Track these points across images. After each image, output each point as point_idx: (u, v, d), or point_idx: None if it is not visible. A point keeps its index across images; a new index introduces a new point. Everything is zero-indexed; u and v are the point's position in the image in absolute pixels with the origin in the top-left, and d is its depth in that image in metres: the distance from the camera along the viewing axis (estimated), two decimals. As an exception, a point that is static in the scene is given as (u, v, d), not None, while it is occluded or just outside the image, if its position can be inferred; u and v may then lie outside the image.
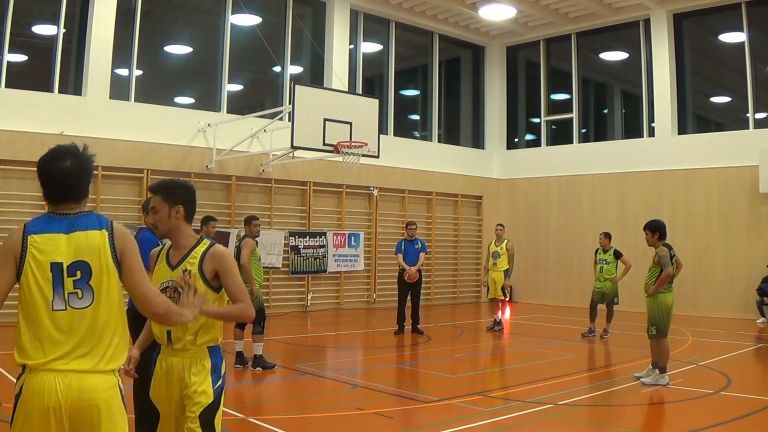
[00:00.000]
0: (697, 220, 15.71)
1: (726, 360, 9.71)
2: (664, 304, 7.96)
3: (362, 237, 16.24)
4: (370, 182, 16.46)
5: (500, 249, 12.79)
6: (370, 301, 16.52)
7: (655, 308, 7.97)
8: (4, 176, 11.91)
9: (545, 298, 17.78)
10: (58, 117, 12.39)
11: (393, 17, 17.64)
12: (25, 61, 13.27)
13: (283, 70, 15.95)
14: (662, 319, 7.94)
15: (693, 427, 6.17)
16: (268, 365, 8.46)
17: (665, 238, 8.25)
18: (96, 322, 2.70)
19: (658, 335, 7.93)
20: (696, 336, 12.15)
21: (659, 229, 8.23)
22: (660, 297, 7.97)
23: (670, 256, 7.99)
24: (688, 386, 7.80)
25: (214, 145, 13.96)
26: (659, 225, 8.30)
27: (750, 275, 14.69)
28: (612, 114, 19.13)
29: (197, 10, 15.58)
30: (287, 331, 12.12)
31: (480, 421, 6.34)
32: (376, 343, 12.25)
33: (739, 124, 16.20)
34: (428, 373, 9.10)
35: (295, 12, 16.02)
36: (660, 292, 7.96)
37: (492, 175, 19.44)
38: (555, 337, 12.13)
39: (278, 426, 5.99)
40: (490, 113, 19.89)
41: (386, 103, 17.39)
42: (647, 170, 16.53)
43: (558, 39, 18.67)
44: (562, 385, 7.85)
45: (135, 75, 13.78)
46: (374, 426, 6.21)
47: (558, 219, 18.16)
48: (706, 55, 17.38)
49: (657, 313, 7.95)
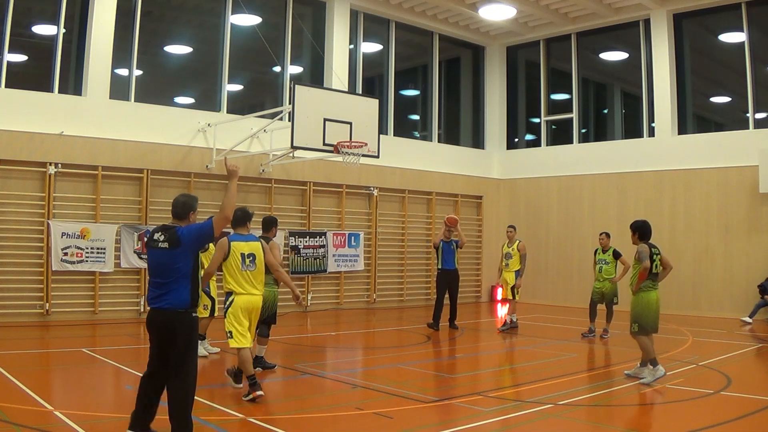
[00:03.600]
0: (697, 220, 15.71)
1: (726, 360, 9.71)
2: (647, 301, 8.02)
3: (362, 237, 16.24)
4: (370, 182, 16.46)
5: (512, 250, 12.87)
6: (370, 301, 16.51)
7: (638, 306, 8.05)
8: (4, 176, 11.91)
9: (545, 298, 17.78)
10: (58, 117, 12.39)
11: (393, 17, 17.64)
12: (25, 61, 13.27)
13: (283, 70, 15.95)
14: (645, 316, 8.00)
15: (693, 427, 6.16)
16: (268, 366, 8.48)
17: (647, 238, 8.27)
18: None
19: (639, 332, 8.03)
20: (696, 336, 12.15)
21: (638, 229, 8.28)
22: (643, 295, 8.04)
23: (651, 254, 8.02)
24: (688, 386, 7.80)
25: (214, 145, 13.96)
26: (638, 225, 8.35)
27: (750, 275, 14.69)
28: (612, 114, 19.13)
29: (197, 10, 15.58)
30: (287, 331, 12.10)
31: (480, 421, 6.34)
32: (376, 343, 12.25)
33: (739, 124, 16.20)
34: (428, 373, 9.09)
35: (295, 12, 16.03)
36: (643, 290, 8.01)
37: (492, 175, 19.44)
38: (555, 337, 12.13)
39: (278, 426, 5.99)
40: (490, 113, 19.89)
41: (386, 103, 17.40)
42: (647, 170, 16.53)
43: (558, 39, 18.66)
44: (562, 385, 7.84)
45: (135, 75, 13.78)
46: (374, 426, 6.21)
47: (558, 219, 18.17)
48: (706, 55, 17.38)
49: (640, 311, 8.03)
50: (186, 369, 5.09)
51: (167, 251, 5.06)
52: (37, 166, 12.17)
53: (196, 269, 5.15)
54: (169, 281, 5.05)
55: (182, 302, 5.05)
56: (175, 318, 5.04)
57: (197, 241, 5.10)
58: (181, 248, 5.04)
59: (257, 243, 7.27)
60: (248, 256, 7.07)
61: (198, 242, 5.12)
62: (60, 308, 12.19)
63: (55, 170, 12.22)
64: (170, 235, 5.08)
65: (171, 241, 5.06)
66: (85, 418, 5.86)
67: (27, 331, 11.40)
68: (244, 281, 7.02)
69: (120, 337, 11.19)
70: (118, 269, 12.82)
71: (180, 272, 5.04)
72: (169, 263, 5.05)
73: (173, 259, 5.05)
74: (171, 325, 5.05)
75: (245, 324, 6.97)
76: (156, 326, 5.13)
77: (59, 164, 12.27)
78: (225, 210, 5.08)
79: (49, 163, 12.18)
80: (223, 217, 5.03)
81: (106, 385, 7.79)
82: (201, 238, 5.11)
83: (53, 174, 12.20)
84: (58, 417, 6.03)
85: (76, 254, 12.31)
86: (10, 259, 11.88)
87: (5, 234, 11.84)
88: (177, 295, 5.03)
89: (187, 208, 5.35)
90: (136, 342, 11.00)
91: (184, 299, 5.05)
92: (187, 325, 5.10)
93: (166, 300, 5.03)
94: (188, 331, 5.12)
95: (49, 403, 6.58)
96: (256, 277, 7.13)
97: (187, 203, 5.39)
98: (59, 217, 12.29)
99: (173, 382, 5.10)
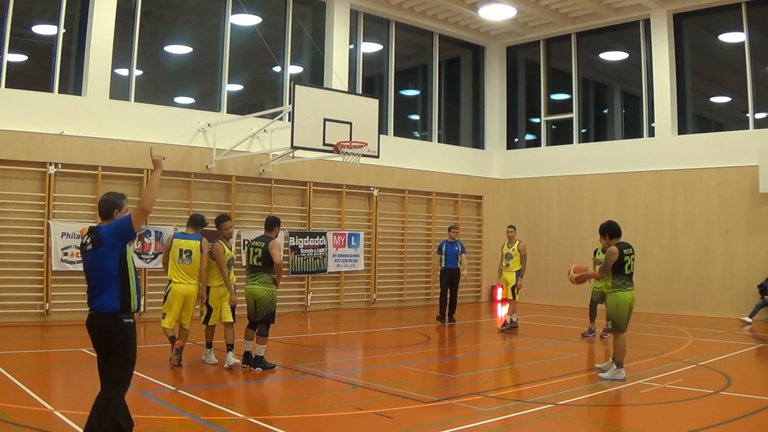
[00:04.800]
0: (697, 220, 15.71)
1: (726, 360, 9.71)
2: (622, 300, 8.26)
3: (362, 237, 16.24)
4: (370, 182, 16.46)
5: (512, 250, 12.90)
6: (370, 301, 16.51)
7: (613, 304, 8.31)
8: (4, 176, 11.91)
9: (545, 298, 17.77)
10: (58, 117, 12.39)
11: (393, 17, 17.64)
12: (25, 61, 13.27)
13: (283, 70, 15.95)
14: (618, 314, 8.25)
15: (693, 427, 6.16)
16: (268, 366, 8.47)
17: (618, 236, 8.51)
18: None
19: (614, 330, 8.32)
20: (696, 336, 12.15)
21: (608, 230, 8.54)
22: (618, 294, 8.27)
23: (623, 255, 8.21)
24: (688, 386, 7.80)
25: (214, 145, 13.96)
26: (606, 227, 8.59)
27: (750, 275, 14.69)
28: (612, 114, 19.13)
29: (197, 10, 15.58)
30: (287, 331, 12.11)
31: (480, 421, 6.34)
32: (376, 343, 12.25)
33: (739, 124, 16.20)
34: (428, 373, 9.09)
35: (295, 12, 16.02)
36: (621, 289, 8.25)
37: (492, 175, 19.44)
38: (555, 337, 12.13)
39: (278, 426, 5.99)
40: (490, 113, 19.89)
41: (386, 103, 17.40)
42: (647, 170, 16.54)
43: (558, 39, 18.66)
44: (562, 385, 7.84)
45: (135, 75, 13.78)
46: (374, 426, 6.21)
47: (558, 219, 18.17)
48: (706, 55, 17.38)
49: (614, 308, 8.28)
50: (117, 378, 4.82)
51: (92, 252, 4.86)
52: (37, 166, 12.17)
53: (124, 270, 4.86)
54: (97, 283, 4.83)
55: (110, 305, 4.79)
56: (105, 321, 4.80)
57: (117, 237, 4.83)
58: (103, 247, 4.81)
59: (196, 242, 8.64)
60: (185, 252, 8.55)
61: (119, 239, 4.83)
62: (60, 308, 12.18)
63: (55, 170, 12.22)
64: (94, 236, 4.87)
65: (94, 241, 4.85)
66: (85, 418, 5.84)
67: (27, 331, 11.40)
68: (179, 273, 8.55)
69: (120, 337, 11.17)
70: (118, 269, 12.79)
71: (105, 272, 4.80)
72: (95, 264, 4.86)
73: (97, 259, 4.84)
74: (102, 328, 4.81)
75: (176, 310, 8.52)
76: (89, 329, 4.90)
77: (59, 164, 12.27)
78: (143, 202, 4.81)
79: (49, 163, 12.18)
80: (140, 209, 4.77)
81: (106, 385, 7.78)
82: (121, 234, 4.83)
83: (53, 174, 12.20)
84: (58, 417, 6.03)
85: (76, 254, 12.29)
86: (10, 259, 11.88)
87: (5, 234, 11.84)
88: (105, 297, 4.79)
89: (111, 206, 5.06)
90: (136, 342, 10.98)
91: (111, 302, 4.79)
92: (118, 329, 4.80)
93: (97, 302, 4.82)
94: (119, 337, 4.81)
95: (49, 403, 6.58)
96: (190, 270, 8.57)
97: (110, 201, 5.08)
98: (59, 217, 12.29)
99: (103, 389, 4.85)
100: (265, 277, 8.50)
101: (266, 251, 8.48)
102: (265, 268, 8.49)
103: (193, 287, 8.60)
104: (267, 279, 8.51)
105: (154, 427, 5.93)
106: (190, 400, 6.96)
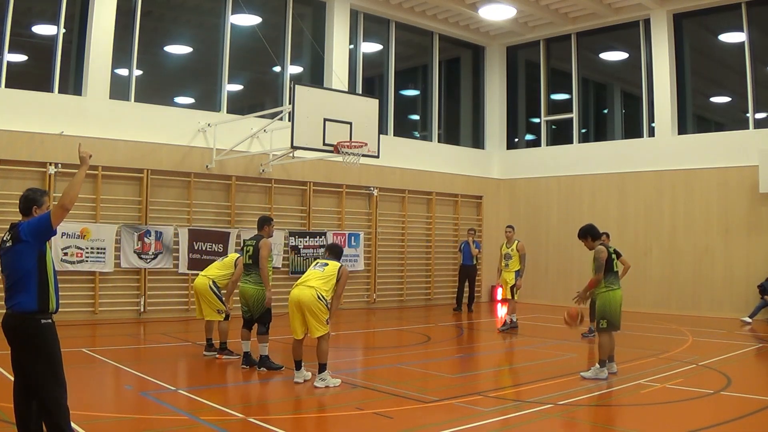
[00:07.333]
0: (697, 220, 15.71)
1: (726, 360, 9.71)
2: (613, 299, 8.44)
3: (362, 237, 16.24)
4: (370, 182, 16.46)
5: (511, 251, 12.90)
6: (370, 301, 16.51)
7: (605, 304, 8.43)
8: (4, 176, 11.90)
9: (545, 298, 17.77)
10: (58, 117, 12.39)
11: (393, 17, 17.64)
12: (25, 61, 13.27)
13: (283, 70, 15.95)
14: (612, 313, 8.38)
15: (693, 427, 6.16)
16: (273, 366, 8.43)
17: (599, 237, 8.81)
18: None
19: (608, 328, 8.37)
20: (696, 336, 12.15)
21: (588, 233, 8.77)
22: (609, 293, 8.44)
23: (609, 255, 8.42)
24: (688, 386, 7.80)
25: (214, 145, 13.96)
26: (586, 229, 8.81)
27: (750, 275, 14.69)
28: (612, 114, 19.13)
29: (197, 10, 15.58)
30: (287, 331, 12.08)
31: (480, 421, 6.34)
32: (376, 343, 12.26)
33: (739, 124, 16.20)
34: (428, 373, 9.09)
35: (295, 12, 16.02)
36: (610, 289, 8.42)
37: (492, 175, 19.45)
38: (555, 337, 12.12)
39: (278, 426, 5.98)
40: (490, 113, 19.89)
41: (386, 103, 17.40)
42: (647, 170, 16.53)
43: (558, 39, 18.66)
44: (562, 385, 7.84)
45: (135, 75, 13.78)
46: (374, 426, 6.21)
47: (558, 219, 18.16)
48: (706, 55, 17.38)
49: (607, 308, 8.40)
50: (41, 381, 4.67)
51: (10, 249, 4.77)
52: (37, 166, 12.17)
53: (43, 269, 4.76)
54: (14, 281, 4.71)
55: (27, 305, 4.67)
56: (22, 321, 4.67)
57: (36, 235, 4.74)
58: (21, 244, 4.73)
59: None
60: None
61: (37, 236, 4.74)
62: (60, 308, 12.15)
63: (55, 170, 12.22)
64: (13, 233, 4.81)
65: (13, 237, 4.79)
66: (85, 418, 5.85)
67: (27, 331, 11.37)
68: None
69: (120, 337, 11.19)
70: (118, 269, 12.82)
71: (23, 270, 4.71)
72: (13, 262, 4.74)
73: (15, 256, 4.73)
74: (18, 328, 4.69)
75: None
76: (5, 329, 4.79)
77: (59, 164, 12.26)
78: (63, 199, 4.66)
79: (49, 163, 12.18)
80: (60, 207, 4.64)
81: (106, 385, 7.79)
82: (39, 231, 4.75)
83: (53, 174, 12.20)
84: (58, 417, 6.01)
85: (76, 254, 12.32)
86: (10, 259, 11.87)
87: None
88: (22, 296, 4.67)
89: (30, 203, 5.00)
90: (137, 342, 11.00)
91: (29, 302, 4.67)
92: (35, 331, 4.68)
93: (14, 301, 4.69)
94: (38, 339, 4.69)
95: (49, 403, 6.56)
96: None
97: (30, 197, 5.02)
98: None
99: (36, 395, 4.71)
100: (256, 276, 8.52)
101: (257, 249, 8.50)
102: (257, 267, 8.51)
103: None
104: (259, 278, 8.52)
105: (154, 427, 5.93)
106: (190, 400, 6.96)
